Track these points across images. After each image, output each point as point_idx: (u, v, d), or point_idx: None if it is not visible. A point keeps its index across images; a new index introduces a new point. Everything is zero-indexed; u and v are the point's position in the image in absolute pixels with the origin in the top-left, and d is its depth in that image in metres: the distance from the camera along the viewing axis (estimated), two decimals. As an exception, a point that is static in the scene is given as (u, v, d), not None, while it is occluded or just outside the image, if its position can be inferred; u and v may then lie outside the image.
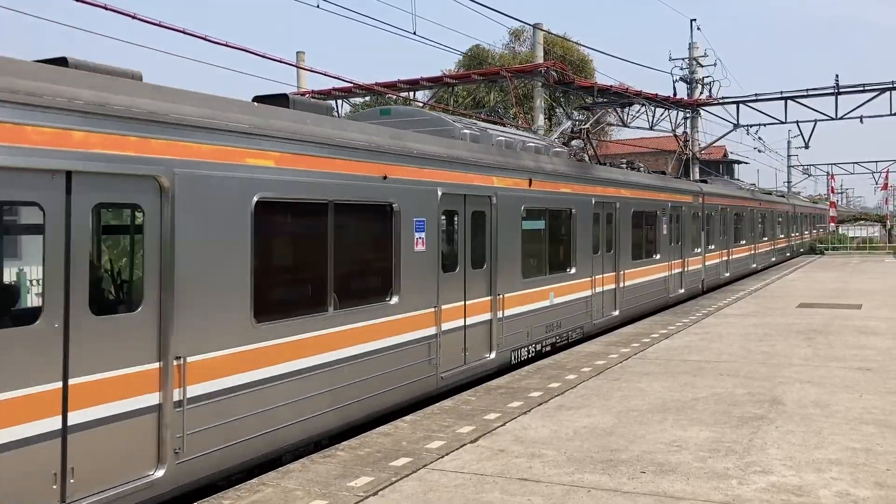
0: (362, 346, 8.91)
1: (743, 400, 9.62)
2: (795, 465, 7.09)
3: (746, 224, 30.92)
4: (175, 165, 6.55)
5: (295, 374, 7.85)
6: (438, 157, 10.53)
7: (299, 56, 36.17)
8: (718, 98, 37.95)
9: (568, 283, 14.43)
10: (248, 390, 7.25)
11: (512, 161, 12.54)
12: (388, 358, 9.36)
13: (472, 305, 11.30)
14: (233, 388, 7.10)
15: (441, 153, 10.61)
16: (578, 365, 12.04)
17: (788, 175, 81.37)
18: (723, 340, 14.28)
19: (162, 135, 6.46)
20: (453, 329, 10.76)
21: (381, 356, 9.22)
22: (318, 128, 8.41)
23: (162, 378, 6.45)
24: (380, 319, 9.25)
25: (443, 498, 6.36)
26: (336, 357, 8.49)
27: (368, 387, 8.96)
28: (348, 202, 8.77)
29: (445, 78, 31.34)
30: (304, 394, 7.97)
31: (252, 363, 7.32)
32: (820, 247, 52.74)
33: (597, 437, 8.08)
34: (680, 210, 21.76)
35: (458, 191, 10.96)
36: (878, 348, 13.22)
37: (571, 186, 14.76)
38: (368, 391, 8.97)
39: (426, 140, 10.58)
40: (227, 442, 7.03)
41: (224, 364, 7.03)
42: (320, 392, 8.20)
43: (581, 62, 45.25)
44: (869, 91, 33.72)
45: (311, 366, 8.10)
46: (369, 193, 9.14)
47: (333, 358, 8.45)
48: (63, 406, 5.71)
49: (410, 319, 9.82)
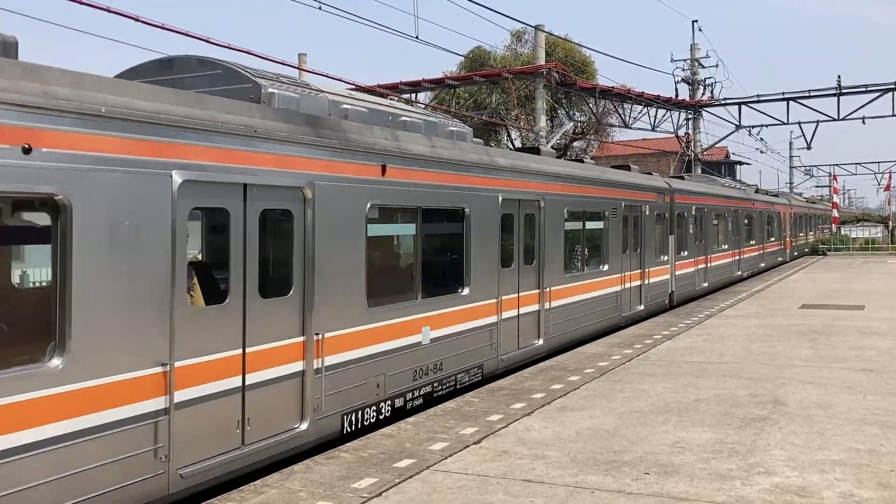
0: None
1: (746, 401, 9.62)
2: (799, 465, 7.10)
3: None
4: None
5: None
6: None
7: (301, 58, 36.19)
8: (720, 99, 37.98)
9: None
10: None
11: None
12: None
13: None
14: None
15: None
16: (581, 366, 12.05)
17: (790, 176, 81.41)
18: (725, 342, 14.29)
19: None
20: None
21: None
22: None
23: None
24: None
25: (446, 499, 6.37)
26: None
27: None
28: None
29: (447, 79, 31.39)
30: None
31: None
32: (822, 248, 52.80)
33: (600, 438, 8.09)
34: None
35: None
36: (881, 349, 13.22)
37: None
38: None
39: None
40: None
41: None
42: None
43: (583, 63, 45.25)
44: (871, 92, 33.76)
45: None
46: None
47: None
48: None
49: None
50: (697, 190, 23.88)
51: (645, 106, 35.44)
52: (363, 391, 8.82)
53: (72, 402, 5.70)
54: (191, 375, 6.65)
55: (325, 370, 8.15)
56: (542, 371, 11.71)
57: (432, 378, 10.25)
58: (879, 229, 61.62)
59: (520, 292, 12.62)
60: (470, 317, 11.16)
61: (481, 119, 36.55)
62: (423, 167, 10.16)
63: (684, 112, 38.53)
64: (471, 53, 45.40)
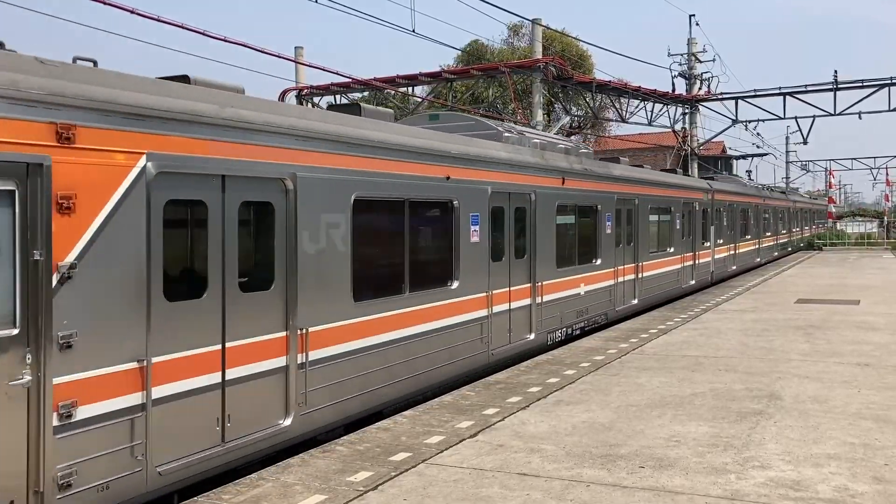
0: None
1: (741, 395, 9.64)
2: (794, 459, 7.11)
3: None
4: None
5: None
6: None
7: (298, 51, 36.08)
8: (717, 94, 37.93)
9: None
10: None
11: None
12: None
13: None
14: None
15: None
16: (577, 360, 12.05)
17: (787, 171, 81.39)
18: (721, 336, 14.30)
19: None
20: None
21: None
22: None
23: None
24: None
25: (442, 492, 6.37)
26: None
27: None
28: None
29: (444, 73, 31.30)
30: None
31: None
32: (818, 242, 52.89)
33: (596, 432, 8.10)
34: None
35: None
36: (876, 343, 13.24)
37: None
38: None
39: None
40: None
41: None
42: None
43: (580, 57, 45.23)
44: (867, 87, 33.68)
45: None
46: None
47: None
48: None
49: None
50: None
51: (642, 100, 35.39)
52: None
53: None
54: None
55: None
56: (537, 365, 11.72)
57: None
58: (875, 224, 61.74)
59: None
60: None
61: (478, 113, 36.50)
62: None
63: (681, 107, 38.49)
64: (468, 47, 45.34)
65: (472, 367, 11.32)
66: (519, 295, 12.74)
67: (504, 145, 12.94)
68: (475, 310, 11.41)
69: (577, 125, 44.82)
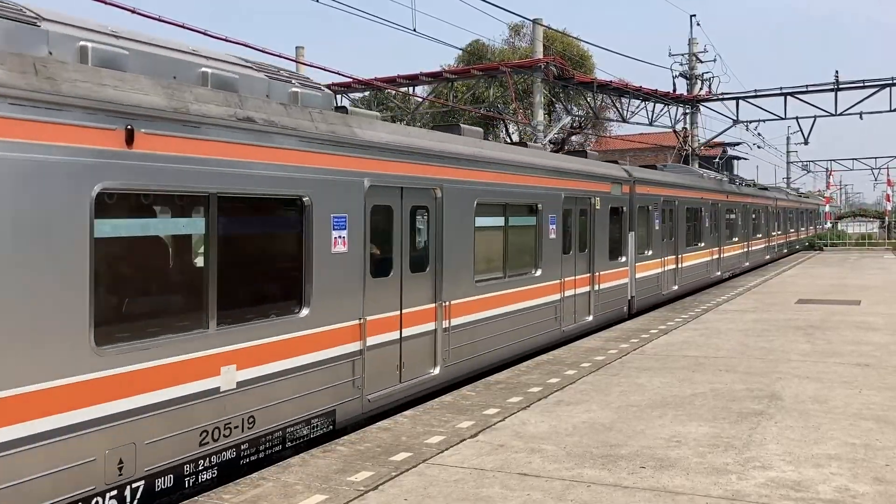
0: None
1: (742, 395, 9.64)
2: (794, 460, 7.11)
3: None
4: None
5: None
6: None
7: (298, 51, 36.09)
8: (718, 94, 37.92)
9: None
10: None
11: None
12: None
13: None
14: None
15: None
16: (577, 360, 12.06)
17: (788, 171, 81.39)
18: (721, 336, 14.30)
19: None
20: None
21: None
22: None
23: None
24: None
25: (443, 492, 6.37)
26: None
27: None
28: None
29: (445, 73, 31.30)
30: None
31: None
32: (819, 242, 52.96)
33: (596, 432, 8.10)
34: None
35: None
36: (877, 344, 13.24)
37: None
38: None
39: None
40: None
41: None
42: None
43: (581, 57, 45.21)
44: (869, 87, 33.70)
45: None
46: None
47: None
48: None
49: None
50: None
51: (643, 100, 35.39)
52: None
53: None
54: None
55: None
56: (538, 365, 11.72)
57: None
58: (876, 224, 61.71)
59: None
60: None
61: (479, 113, 36.50)
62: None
63: (682, 107, 38.48)
64: (469, 47, 45.33)
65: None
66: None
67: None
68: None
69: (578, 125, 44.80)
